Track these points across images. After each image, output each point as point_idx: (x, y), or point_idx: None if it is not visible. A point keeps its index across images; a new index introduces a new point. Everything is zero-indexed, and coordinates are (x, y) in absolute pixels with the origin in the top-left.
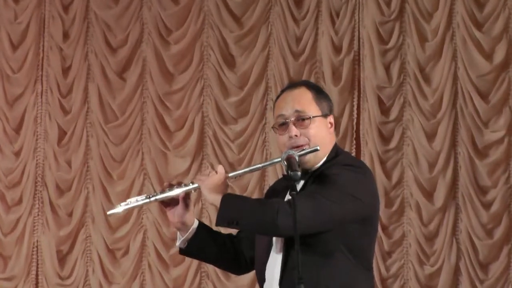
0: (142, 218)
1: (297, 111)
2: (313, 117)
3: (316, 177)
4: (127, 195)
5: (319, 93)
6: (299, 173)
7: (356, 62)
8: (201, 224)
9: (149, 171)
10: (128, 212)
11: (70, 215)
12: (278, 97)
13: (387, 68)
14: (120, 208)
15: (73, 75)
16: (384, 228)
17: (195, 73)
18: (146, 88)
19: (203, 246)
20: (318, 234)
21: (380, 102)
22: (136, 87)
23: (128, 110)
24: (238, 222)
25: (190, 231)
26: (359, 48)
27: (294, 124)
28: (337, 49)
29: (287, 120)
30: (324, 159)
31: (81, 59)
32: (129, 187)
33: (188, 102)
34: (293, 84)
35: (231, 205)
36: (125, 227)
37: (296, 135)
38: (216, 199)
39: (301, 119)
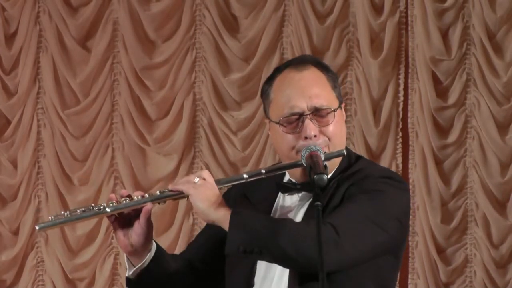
0: (112, 238)
1: (315, 103)
2: (335, 110)
3: (334, 192)
4: None
5: (330, 72)
6: (325, 176)
7: (403, 26)
8: (159, 250)
9: (122, 174)
10: (93, 229)
11: (15, 233)
12: (273, 77)
13: (444, 35)
14: (50, 223)
15: (20, 44)
16: (440, 251)
17: (184, 41)
18: (117, 61)
19: (159, 279)
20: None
21: (436, 80)
22: (104, 60)
23: (93, 91)
24: (261, 251)
25: (146, 258)
26: (406, 7)
27: (311, 120)
28: (377, 9)
29: (302, 115)
30: (337, 165)
31: (30, 22)
32: (94, 195)
33: (175, 80)
34: (297, 61)
35: (248, 226)
36: (90, 250)
37: (315, 135)
38: (220, 216)
39: (319, 114)
